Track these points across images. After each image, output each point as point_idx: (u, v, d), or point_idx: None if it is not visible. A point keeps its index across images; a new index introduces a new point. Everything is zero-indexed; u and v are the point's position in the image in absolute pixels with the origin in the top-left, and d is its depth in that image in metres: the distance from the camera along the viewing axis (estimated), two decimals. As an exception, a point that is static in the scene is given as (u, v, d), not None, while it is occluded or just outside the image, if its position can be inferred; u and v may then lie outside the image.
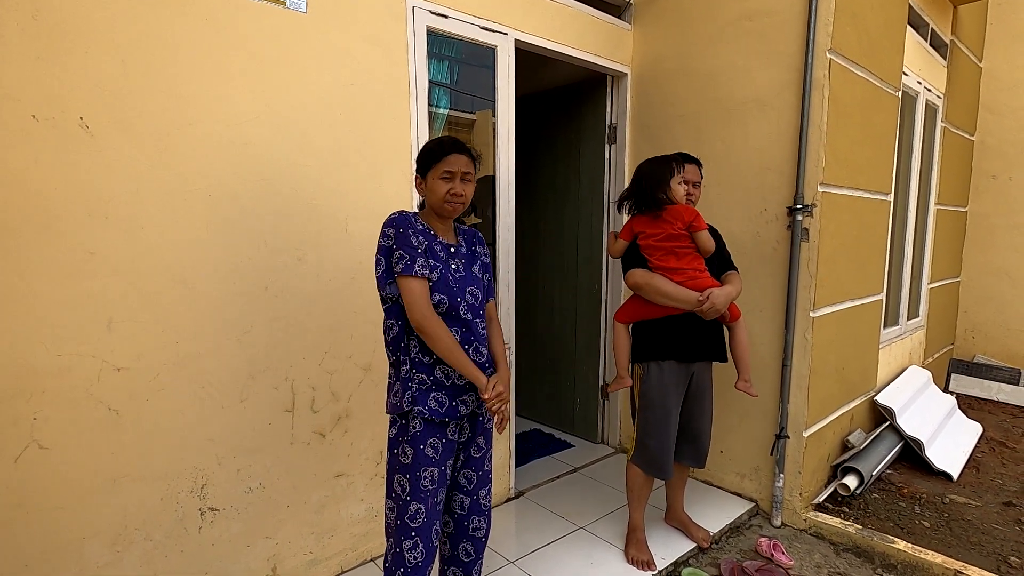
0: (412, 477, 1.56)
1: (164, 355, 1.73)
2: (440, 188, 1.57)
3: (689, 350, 2.17)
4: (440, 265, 1.59)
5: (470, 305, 1.65)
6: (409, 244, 1.53)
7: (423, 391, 1.58)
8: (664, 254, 2.08)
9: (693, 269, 2.08)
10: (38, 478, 1.55)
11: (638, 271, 2.12)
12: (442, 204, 1.59)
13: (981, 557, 2.37)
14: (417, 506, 1.56)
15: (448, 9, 2.32)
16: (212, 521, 1.86)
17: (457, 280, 1.62)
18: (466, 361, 1.56)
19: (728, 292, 2.10)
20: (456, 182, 1.58)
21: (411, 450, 1.56)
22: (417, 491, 1.56)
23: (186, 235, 1.75)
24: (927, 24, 3.64)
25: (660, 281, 2.07)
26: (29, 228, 1.50)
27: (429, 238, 1.60)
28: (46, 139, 1.51)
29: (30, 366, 1.52)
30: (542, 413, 3.82)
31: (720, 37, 2.73)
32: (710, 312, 2.07)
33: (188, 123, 1.72)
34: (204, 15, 1.73)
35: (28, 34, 1.47)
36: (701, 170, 2.30)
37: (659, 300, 2.10)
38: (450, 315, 1.60)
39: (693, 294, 2.06)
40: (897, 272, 3.76)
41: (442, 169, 1.57)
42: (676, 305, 2.09)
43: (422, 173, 1.62)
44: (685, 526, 2.48)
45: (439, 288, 1.57)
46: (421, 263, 1.53)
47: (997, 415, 4.16)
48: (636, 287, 2.14)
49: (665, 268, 2.08)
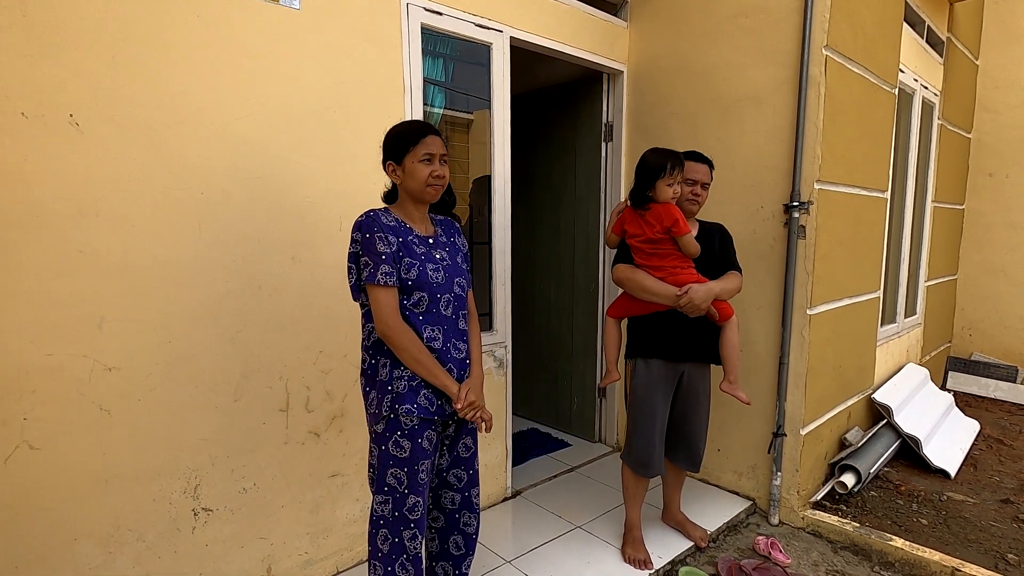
0: (410, 471, 1.55)
1: (156, 354, 1.72)
2: (421, 171, 1.53)
3: (676, 349, 2.15)
4: (417, 262, 1.54)
5: (456, 296, 1.62)
6: (374, 251, 1.49)
7: (412, 388, 1.55)
8: (646, 254, 2.08)
9: (674, 266, 2.06)
10: (29, 479, 1.54)
11: (622, 266, 2.13)
12: (424, 188, 1.55)
13: (979, 555, 2.36)
14: (415, 499, 1.56)
15: (443, 6, 2.31)
16: (206, 522, 1.85)
17: (444, 270, 1.59)
18: (435, 369, 1.54)
19: (710, 288, 2.04)
20: (436, 164, 1.55)
21: (408, 444, 1.55)
22: (415, 484, 1.55)
23: (178, 233, 1.73)
24: (923, 21, 3.64)
25: (641, 276, 2.07)
26: (19, 226, 1.48)
27: (403, 232, 1.55)
28: (36, 137, 1.49)
29: (20, 366, 1.50)
30: (539, 412, 3.81)
31: (716, 34, 2.72)
32: (689, 308, 2.02)
33: (180, 121, 1.71)
34: (196, 12, 1.72)
35: (17, 31, 1.45)
36: (712, 171, 2.24)
37: (640, 295, 2.10)
38: (430, 312, 1.57)
39: (672, 289, 2.03)
40: (894, 270, 3.76)
41: (421, 152, 1.53)
42: (656, 300, 2.08)
43: (396, 158, 1.56)
44: (682, 525, 2.47)
45: (419, 285, 1.54)
46: (386, 270, 1.49)
47: (995, 412, 4.16)
48: (619, 282, 2.15)
49: (648, 266, 2.08)
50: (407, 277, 1.53)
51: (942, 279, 4.52)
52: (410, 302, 1.55)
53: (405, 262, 1.53)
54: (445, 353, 1.59)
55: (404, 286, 1.53)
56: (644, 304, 2.13)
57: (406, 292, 1.54)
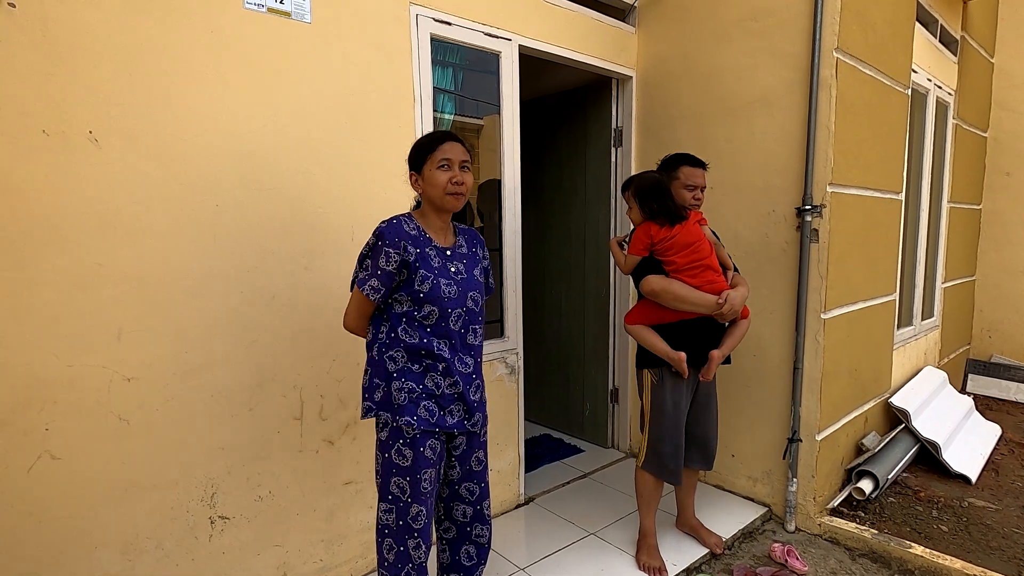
0: (412, 480, 1.55)
1: (173, 364, 1.75)
2: (440, 178, 1.53)
3: (701, 354, 2.16)
4: (432, 275, 1.54)
5: (467, 311, 1.61)
6: (376, 263, 1.51)
7: (412, 400, 1.55)
8: (685, 250, 2.06)
9: (711, 270, 2.08)
10: (50, 488, 1.57)
11: (654, 277, 2.08)
12: (444, 195, 1.54)
13: (1002, 563, 2.32)
14: (418, 508, 1.56)
15: (452, 16, 2.33)
16: (222, 529, 1.87)
17: (457, 283, 1.58)
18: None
19: (743, 293, 2.13)
20: (455, 170, 1.54)
21: (410, 452, 1.55)
22: (418, 493, 1.55)
23: (194, 245, 1.76)
24: (936, 20, 3.60)
25: (677, 286, 2.05)
26: (40, 241, 1.52)
27: (422, 243, 1.56)
28: (56, 153, 1.53)
29: (41, 377, 1.54)
30: (551, 418, 3.81)
31: (725, 38, 2.72)
32: (729, 314, 2.08)
33: (195, 134, 1.74)
34: (210, 28, 1.75)
35: (38, 50, 1.49)
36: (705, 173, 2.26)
37: (677, 305, 2.07)
38: (439, 325, 1.56)
39: (711, 298, 2.05)
40: (910, 272, 3.70)
41: (439, 158, 1.53)
42: (694, 310, 2.07)
43: (417, 168, 1.58)
44: (697, 531, 2.45)
45: (431, 299, 1.54)
46: (375, 285, 1.52)
47: (1016, 416, 4.08)
48: (653, 294, 2.09)
49: (685, 268, 2.05)
50: (420, 289, 1.53)
51: (960, 280, 4.45)
52: (420, 314, 1.55)
53: (420, 274, 1.53)
54: (452, 366, 1.58)
55: (416, 298, 1.54)
56: (672, 313, 2.10)
57: (417, 304, 1.54)
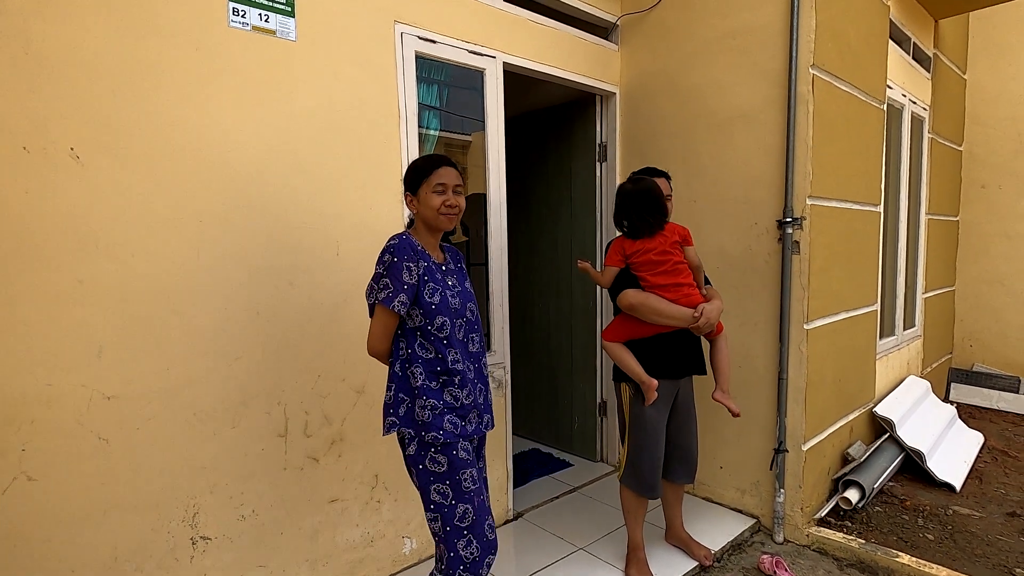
0: (452, 481, 1.58)
1: (155, 382, 1.72)
2: (434, 200, 1.60)
3: (678, 367, 2.19)
4: (440, 287, 1.61)
5: (468, 321, 1.68)
6: (399, 278, 1.54)
7: (436, 415, 1.58)
8: (659, 268, 2.07)
9: (687, 285, 2.09)
10: (26, 510, 1.53)
11: (631, 292, 2.10)
12: (437, 216, 1.62)
13: (987, 570, 2.34)
14: (464, 507, 1.58)
15: (436, 34, 2.36)
16: (204, 550, 1.84)
17: (458, 296, 1.65)
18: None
19: (718, 306, 2.13)
20: (449, 194, 1.62)
21: (444, 457, 1.58)
22: (460, 493, 1.58)
23: (177, 261, 1.75)
24: (909, 38, 3.71)
25: (655, 300, 2.07)
26: (18, 257, 1.50)
27: (427, 258, 1.62)
28: (37, 170, 1.52)
29: (19, 396, 1.51)
30: (540, 432, 3.79)
31: (705, 55, 2.78)
32: (704, 327, 2.09)
33: (178, 150, 1.74)
34: (195, 45, 1.76)
35: (20, 67, 1.49)
36: (670, 183, 2.33)
37: (653, 319, 2.09)
38: (452, 337, 1.62)
39: (687, 311, 2.06)
40: (891, 282, 3.77)
41: (434, 182, 1.60)
42: (670, 323, 2.08)
43: (412, 189, 1.65)
44: (686, 544, 2.44)
45: (441, 310, 1.60)
46: (403, 300, 1.55)
47: (998, 424, 4.13)
48: (630, 308, 2.10)
49: (659, 285, 2.07)
50: (431, 301, 1.58)
51: (940, 290, 4.52)
52: (434, 327, 1.59)
53: (429, 287, 1.59)
54: (465, 376, 1.64)
55: (427, 311, 1.58)
56: (649, 327, 2.12)
57: (429, 317, 1.59)
